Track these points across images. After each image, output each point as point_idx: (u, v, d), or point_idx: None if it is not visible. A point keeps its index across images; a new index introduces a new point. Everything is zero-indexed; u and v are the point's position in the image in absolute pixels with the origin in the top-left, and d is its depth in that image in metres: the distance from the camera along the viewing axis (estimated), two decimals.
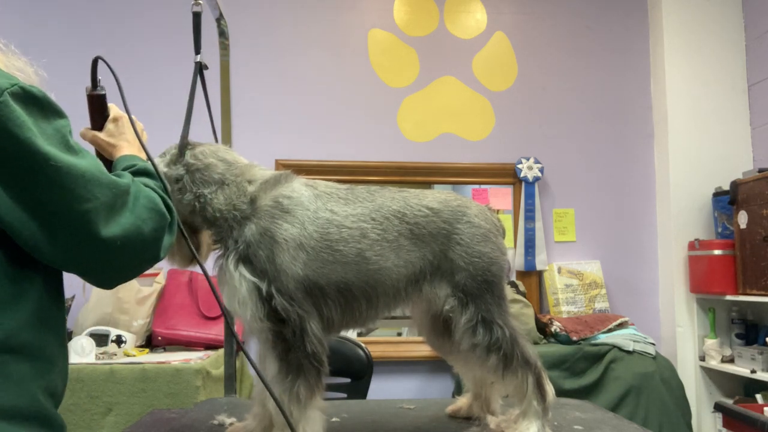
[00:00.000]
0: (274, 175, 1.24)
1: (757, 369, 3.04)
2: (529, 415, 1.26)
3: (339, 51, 3.64)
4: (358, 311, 1.21)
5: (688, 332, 3.49)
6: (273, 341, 1.12)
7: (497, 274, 1.28)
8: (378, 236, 1.21)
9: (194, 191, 1.21)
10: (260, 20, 3.60)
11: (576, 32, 3.79)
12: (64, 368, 0.98)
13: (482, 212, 1.33)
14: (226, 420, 1.43)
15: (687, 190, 3.57)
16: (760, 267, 3.08)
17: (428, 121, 3.66)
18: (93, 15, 3.46)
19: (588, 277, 3.56)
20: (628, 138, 3.77)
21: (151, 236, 0.96)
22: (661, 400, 3.00)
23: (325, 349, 1.16)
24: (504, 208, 3.65)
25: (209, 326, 3.09)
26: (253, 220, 1.17)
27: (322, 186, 1.26)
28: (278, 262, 1.14)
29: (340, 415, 1.48)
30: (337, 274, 1.18)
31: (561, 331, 3.16)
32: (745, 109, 3.65)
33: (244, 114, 3.45)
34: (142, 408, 2.41)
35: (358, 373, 2.51)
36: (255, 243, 1.15)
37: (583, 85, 3.77)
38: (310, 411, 1.12)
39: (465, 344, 1.25)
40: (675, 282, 3.53)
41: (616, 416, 1.55)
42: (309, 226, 1.17)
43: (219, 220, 1.19)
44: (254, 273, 1.13)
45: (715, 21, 3.67)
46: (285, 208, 1.18)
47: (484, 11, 3.77)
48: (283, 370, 1.12)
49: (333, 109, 3.60)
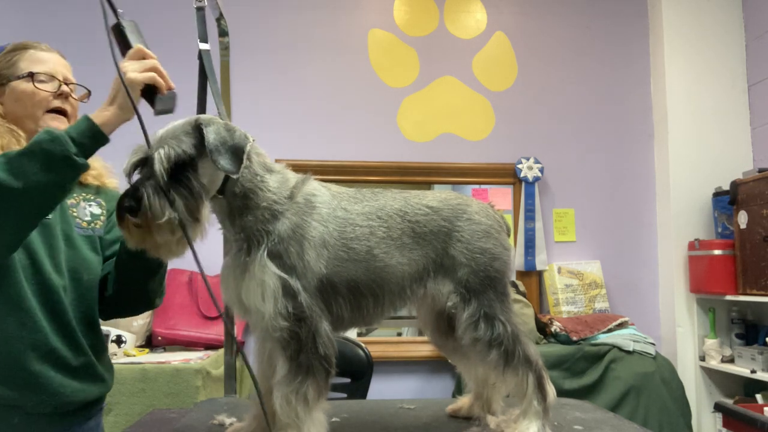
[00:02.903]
0: (299, 175, 1.25)
1: (757, 369, 3.04)
2: (529, 414, 1.26)
3: (339, 51, 3.64)
4: (366, 309, 1.22)
5: (688, 332, 3.49)
6: (286, 341, 1.11)
7: (500, 270, 1.29)
8: (384, 234, 1.23)
9: (252, 170, 1.17)
10: (261, 20, 3.60)
11: (576, 32, 3.79)
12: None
13: (483, 209, 1.34)
14: (226, 420, 1.43)
15: (687, 190, 3.57)
16: (760, 267, 3.08)
17: (428, 121, 3.66)
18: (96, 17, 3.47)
19: (588, 277, 3.56)
20: (628, 138, 3.77)
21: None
22: (661, 400, 3.00)
23: (335, 351, 1.16)
24: (504, 208, 3.65)
25: (209, 326, 3.09)
26: (287, 215, 1.17)
27: (333, 187, 1.28)
28: (306, 259, 1.15)
29: (340, 415, 1.48)
30: (349, 272, 1.19)
31: (561, 331, 3.16)
32: (745, 109, 3.65)
33: (244, 114, 3.45)
34: (142, 408, 2.41)
35: (358, 373, 2.51)
36: (287, 238, 1.15)
37: (583, 85, 3.77)
38: (315, 412, 1.12)
39: (466, 339, 1.25)
40: (675, 282, 3.53)
41: (616, 416, 1.54)
42: (331, 224, 1.19)
43: (261, 208, 1.16)
44: (283, 268, 1.13)
45: (715, 21, 3.67)
46: (313, 205, 1.19)
47: (484, 11, 3.77)
48: (293, 371, 1.11)
49: (333, 109, 3.60)
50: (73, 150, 1.17)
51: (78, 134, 1.19)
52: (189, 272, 3.25)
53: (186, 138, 1.10)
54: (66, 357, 1.37)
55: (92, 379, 1.44)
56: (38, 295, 1.35)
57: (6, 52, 1.42)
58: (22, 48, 1.43)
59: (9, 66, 1.40)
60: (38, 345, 1.33)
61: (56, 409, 1.37)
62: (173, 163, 1.06)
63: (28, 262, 1.34)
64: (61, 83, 1.43)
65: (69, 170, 1.18)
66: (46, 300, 1.36)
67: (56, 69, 1.43)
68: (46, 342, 1.34)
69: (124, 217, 1.06)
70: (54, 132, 1.17)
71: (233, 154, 1.10)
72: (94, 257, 1.48)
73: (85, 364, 1.41)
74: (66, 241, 1.43)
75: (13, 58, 1.41)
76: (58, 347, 1.36)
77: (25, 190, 1.14)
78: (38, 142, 1.16)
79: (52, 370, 1.35)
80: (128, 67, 1.21)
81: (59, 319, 1.38)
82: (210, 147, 1.08)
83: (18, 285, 1.31)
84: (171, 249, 1.09)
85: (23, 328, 1.32)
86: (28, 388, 1.32)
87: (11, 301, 1.31)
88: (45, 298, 1.36)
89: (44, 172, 1.15)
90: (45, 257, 1.37)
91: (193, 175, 1.08)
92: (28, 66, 1.40)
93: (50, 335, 1.35)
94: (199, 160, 1.10)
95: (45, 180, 1.15)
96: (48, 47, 1.47)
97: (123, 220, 1.07)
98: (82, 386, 1.40)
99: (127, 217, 1.05)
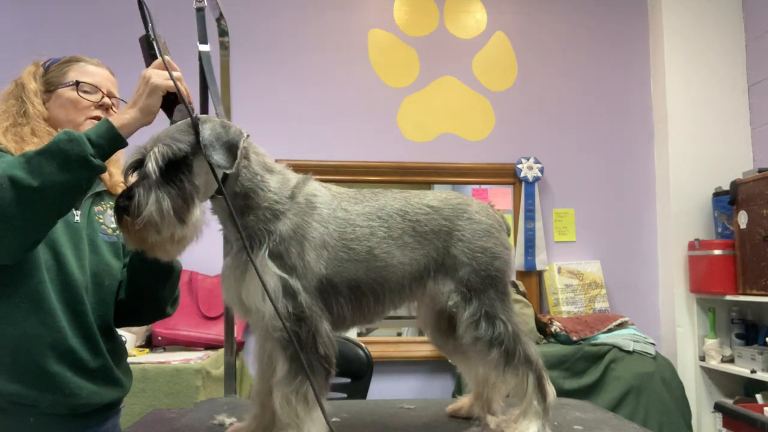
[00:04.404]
0: (299, 175, 1.25)
1: (757, 369, 3.04)
2: (529, 414, 1.26)
3: (339, 51, 3.64)
4: (367, 308, 1.22)
5: (688, 332, 3.49)
6: (286, 341, 1.11)
7: (501, 269, 1.29)
8: (384, 234, 1.23)
9: (252, 170, 1.18)
10: (261, 20, 3.60)
11: (576, 32, 3.79)
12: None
13: (484, 209, 1.34)
14: (226, 420, 1.43)
15: (687, 190, 3.57)
16: (760, 267, 3.08)
17: (428, 121, 3.66)
18: (92, 17, 3.47)
19: (588, 277, 3.56)
20: (628, 138, 3.77)
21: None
22: (661, 400, 3.00)
23: (335, 351, 1.16)
24: (504, 208, 3.65)
25: (209, 326, 3.09)
26: (288, 215, 1.17)
27: (334, 187, 1.28)
28: (307, 259, 1.15)
29: (340, 415, 1.48)
30: (350, 272, 1.19)
31: (561, 331, 3.16)
32: (745, 109, 3.65)
33: (243, 114, 3.44)
34: (142, 408, 2.41)
35: (358, 373, 2.51)
36: (288, 238, 1.15)
37: (583, 86, 3.77)
38: (315, 412, 1.12)
39: (467, 338, 1.25)
40: (675, 282, 3.53)
41: (616, 416, 1.54)
42: (331, 224, 1.20)
43: (262, 208, 1.16)
44: (283, 268, 1.13)
45: (715, 21, 3.67)
46: (314, 205, 1.20)
47: (484, 11, 3.77)
48: (293, 371, 1.11)
49: (333, 109, 3.60)
50: (90, 151, 1.18)
51: (96, 136, 1.21)
52: (189, 272, 3.25)
53: (181, 136, 1.10)
54: (84, 359, 1.39)
55: (109, 382, 1.45)
56: (61, 295, 1.36)
57: (60, 63, 1.52)
58: (75, 61, 1.52)
59: (60, 75, 1.49)
60: (57, 345, 1.34)
61: (72, 410, 1.38)
62: (167, 162, 1.06)
63: (54, 262, 1.36)
64: (104, 95, 1.50)
65: (85, 171, 1.19)
66: (69, 300, 1.38)
67: (102, 82, 1.52)
68: (66, 342, 1.35)
69: (121, 217, 1.07)
70: (72, 133, 1.19)
71: (227, 149, 1.10)
72: (117, 263, 1.51)
73: (102, 367, 1.43)
74: (91, 245, 1.46)
75: (64, 68, 1.50)
76: (77, 348, 1.37)
77: (42, 189, 1.16)
78: (56, 142, 1.18)
79: (70, 371, 1.36)
80: (153, 72, 1.24)
81: (80, 320, 1.39)
82: (204, 142, 1.08)
83: (42, 284, 1.33)
84: (165, 249, 1.09)
85: (44, 327, 1.33)
86: (45, 387, 1.33)
87: (34, 299, 1.33)
88: (68, 298, 1.37)
89: (61, 171, 1.16)
90: (71, 257, 1.39)
91: (187, 176, 1.09)
92: (76, 76, 1.49)
93: (70, 336, 1.36)
94: (194, 159, 1.10)
95: (61, 179, 1.16)
96: (99, 63, 1.56)
97: (120, 220, 1.08)
98: (98, 389, 1.41)
99: (124, 217, 1.06)
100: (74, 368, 1.37)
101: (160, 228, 1.05)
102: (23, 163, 1.17)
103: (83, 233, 1.44)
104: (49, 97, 1.48)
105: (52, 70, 1.50)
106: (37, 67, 1.51)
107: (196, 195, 1.10)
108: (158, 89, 1.22)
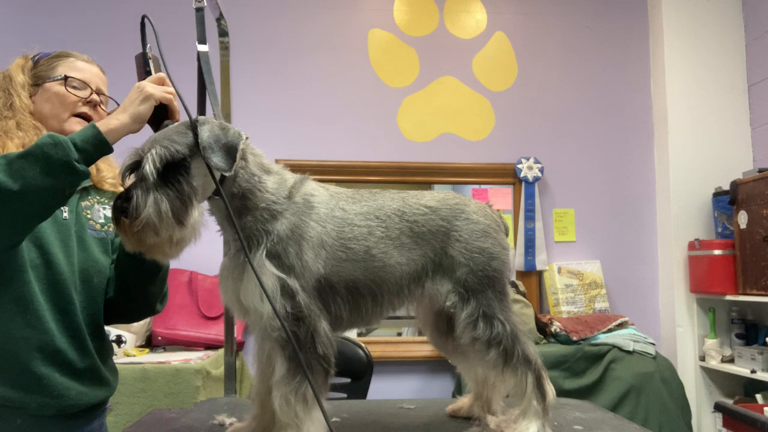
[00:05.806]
0: (297, 175, 1.25)
1: (757, 369, 3.04)
2: (528, 414, 1.26)
3: (339, 51, 3.64)
4: (365, 309, 1.22)
5: (688, 332, 3.49)
6: (285, 341, 1.11)
7: (498, 269, 1.29)
8: (382, 234, 1.23)
9: (249, 171, 1.17)
10: (261, 20, 3.60)
11: (576, 32, 3.79)
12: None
13: (481, 209, 1.34)
14: (226, 420, 1.43)
15: (687, 190, 3.57)
16: (760, 267, 3.07)
17: (428, 121, 3.66)
18: (94, 14, 3.48)
19: (588, 277, 3.56)
20: (628, 138, 3.77)
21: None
22: (661, 400, 3.00)
23: (334, 351, 1.16)
24: (504, 208, 3.65)
25: (209, 326, 3.09)
26: (285, 215, 1.17)
27: (332, 187, 1.28)
28: (305, 259, 1.15)
29: (340, 415, 1.48)
30: (348, 272, 1.19)
31: (561, 331, 3.16)
32: (745, 109, 3.65)
33: (243, 114, 3.45)
34: (142, 408, 2.41)
35: (358, 373, 2.51)
36: (286, 239, 1.15)
37: (583, 85, 3.77)
38: (315, 412, 1.12)
39: (465, 338, 1.25)
40: (675, 282, 3.53)
41: (616, 416, 1.54)
42: (329, 224, 1.19)
43: (259, 209, 1.16)
44: (281, 268, 1.13)
45: (715, 21, 3.67)
46: (312, 205, 1.20)
47: (484, 11, 3.77)
48: (291, 371, 1.12)
49: (333, 109, 3.60)
50: (74, 156, 1.16)
51: (82, 141, 1.18)
52: (189, 272, 3.25)
53: (179, 138, 1.10)
54: (72, 359, 1.37)
55: (97, 382, 1.44)
56: (49, 294, 1.35)
57: (49, 57, 1.50)
58: (65, 56, 1.50)
59: (48, 69, 1.47)
60: (44, 346, 1.33)
61: (60, 411, 1.37)
62: (164, 163, 1.06)
63: (41, 261, 1.34)
64: (93, 92, 1.48)
65: (69, 176, 1.16)
66: (57, 299, 1.36)
67: (91, 79, 1.49)
68: (53, 343, 1.34)
69: (119, 219, 1.06)
70: (57, 137, 1.17)
71: (226, 152, 1.09)
72: (105, 259, 1.49)
73: (90, 367, 1.41)
74: (79, 242, 1.44)
75: (53, 63, 1.48)
76: (65, 349, 1.36)
77: (23, 192, 1.13)
78: (40, 146, 1.15)
79: (58, 373, 1.34)
80: (149, 83, 1.25)
81: (68, 319, 1.37)
82: (203, 144, 1.08)
83: (27, 285, 1.31)
84: (164, 250, 1.09)
85: (30, 329, 1.31)
86: (33, 389, 1.32)
87: (19, 301, 1.31)
88: (55, 297, 1.36)
89: (43, 176, 1.14)
90: (60, 255, 1.37)
91: (185, 177, 1.08)
92: (65, 71, 1.46)
93: (57, 336, 1.35)
94: (192, 161, 1.10)
95: (43, 184, 1.14)
96: (89, 59, 1.53)
97: (118, 223, 1.07)
98: (86, 389, 1.40)
99: (122, 219, 1.06)
100: (62, 369, 1.35)
101: (158, 230, 1.04)
102: (4, 166, 1.14)
103: (72, 230, 1.42)
104: (36, 90, 1.46)
105: (41, 64, 1.47)
106: (26, 60, 1.48)
107: (195, 196, 1.09)
108: (152, 98, 1.22)
